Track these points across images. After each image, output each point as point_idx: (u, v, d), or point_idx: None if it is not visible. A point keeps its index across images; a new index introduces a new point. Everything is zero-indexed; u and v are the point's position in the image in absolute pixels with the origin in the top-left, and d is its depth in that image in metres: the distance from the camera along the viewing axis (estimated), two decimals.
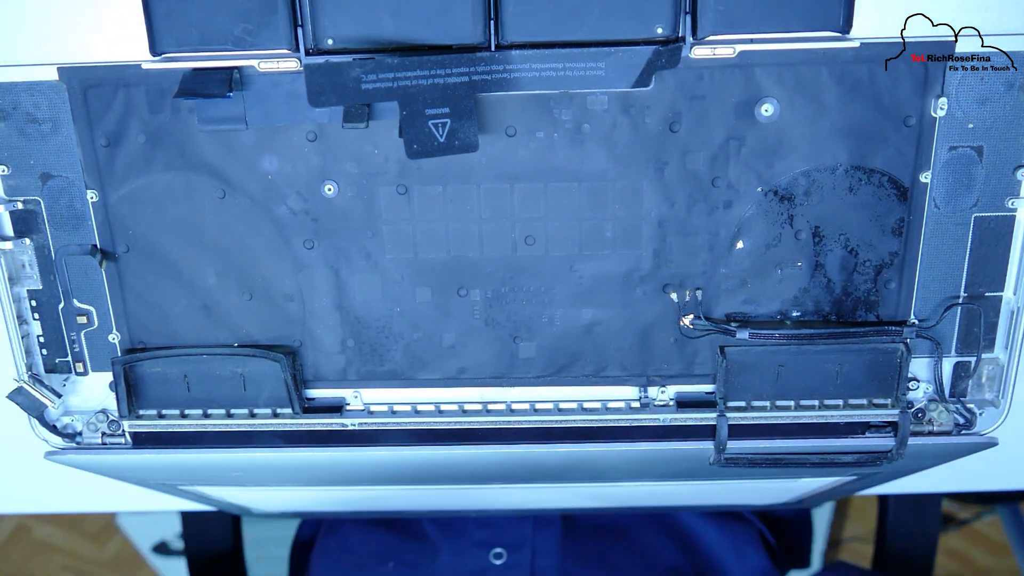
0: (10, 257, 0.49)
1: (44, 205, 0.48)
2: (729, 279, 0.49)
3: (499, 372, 0.51)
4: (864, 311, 0.49)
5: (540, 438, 0.52)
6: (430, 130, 0.43)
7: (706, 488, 0.70)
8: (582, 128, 0.46)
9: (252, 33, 0.43)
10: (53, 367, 0.52)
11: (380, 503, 0.77)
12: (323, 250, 0.49)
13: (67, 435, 0.53)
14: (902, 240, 0.48)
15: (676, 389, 0.52)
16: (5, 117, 0.46)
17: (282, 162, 0.47)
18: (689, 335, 0.50)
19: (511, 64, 0.42)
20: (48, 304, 0.51)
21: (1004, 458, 0.52)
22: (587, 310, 0.50)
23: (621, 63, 0.42)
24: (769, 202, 0.47)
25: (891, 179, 0.46)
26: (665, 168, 0.46)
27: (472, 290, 0.49)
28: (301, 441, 0.53)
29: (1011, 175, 0.46)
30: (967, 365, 0.51)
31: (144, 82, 0.45)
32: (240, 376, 0.51)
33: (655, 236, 0.48)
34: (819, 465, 0.52)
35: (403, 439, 0.53)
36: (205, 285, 0.49)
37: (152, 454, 0.53)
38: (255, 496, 0.71)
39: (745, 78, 0.44)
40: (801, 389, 0.51)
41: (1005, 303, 0.49)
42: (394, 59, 0.41)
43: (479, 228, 0.48)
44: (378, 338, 0.51)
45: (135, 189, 0.48)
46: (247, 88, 0.45)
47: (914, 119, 0.45)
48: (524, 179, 0.47)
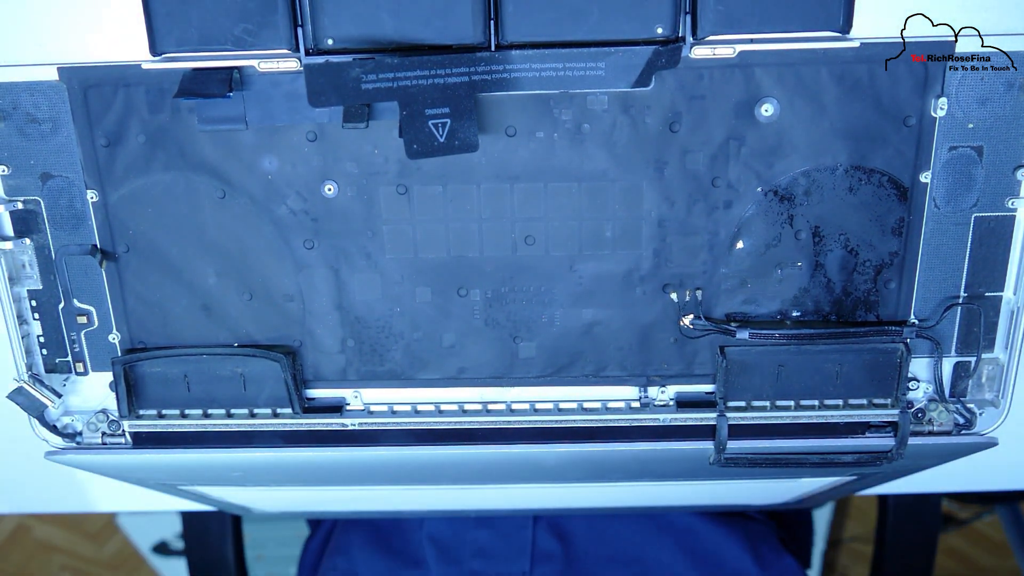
0: (10, 257, 0.49)
1: (44, 205, 0.48)
2: (729, 279, 0.49)
3: (499, 372, 0.51)
4: (864, 311, 0.49)
5: (540, 438, 0.52)
6: (430, 130, 0.43)
7: (706, 488, 0.70)
8: (582, 128, 0.46)
9: (252, 33, 0.43)
10: (53, 367, 0.52)
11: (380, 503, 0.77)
12: (323, 250, 0.49)
13: (67, 435, 0.53)
14: (902, 240, 0.48)
15: (676, 389, 0.52)
16: (5, 117, 0.46)
17: (282, 162, 0.47)
18: (689, 335, 0.50)
19: (511, 64, 0.42)
20: (48, 304, 0.51)
21: (1004, 458, 0.52)
22: (587, 310, 0.50)
23: (621, 63, 0.42)
24: (769, 202, 0.47)
25: (891, 179, 0.46)
26: (665, 168, 0.46)
27: (472, 290, 0.49)
28: (301, 441, 0.53)
29: (1011, 175, 0.46)
30: (967, 365, 0.51)
31: (144, 82, 0.45)
32: (240, 376, 0.51)
33: (655, 236, 0.48)
34: (819, 465, 0.52)
35: (403, 439, 0.53)
36: (205, 285, 0.49)
37: (152, 454, 0.53)
38: (255, 496, 0.71)
39: (745, 78, 0.44)
40: (801, 389, 0.51)
41: (1005, 303, 0.49)
42: (394, 59, 0.41)
43: (479, 228, 0.48)
44: (378, 338, 0.51)
45: (135, 189, 0.48)
46: (247, 88, 0.45)
47: (914, 119, 0.45)
48: (524, 179, 0.47)
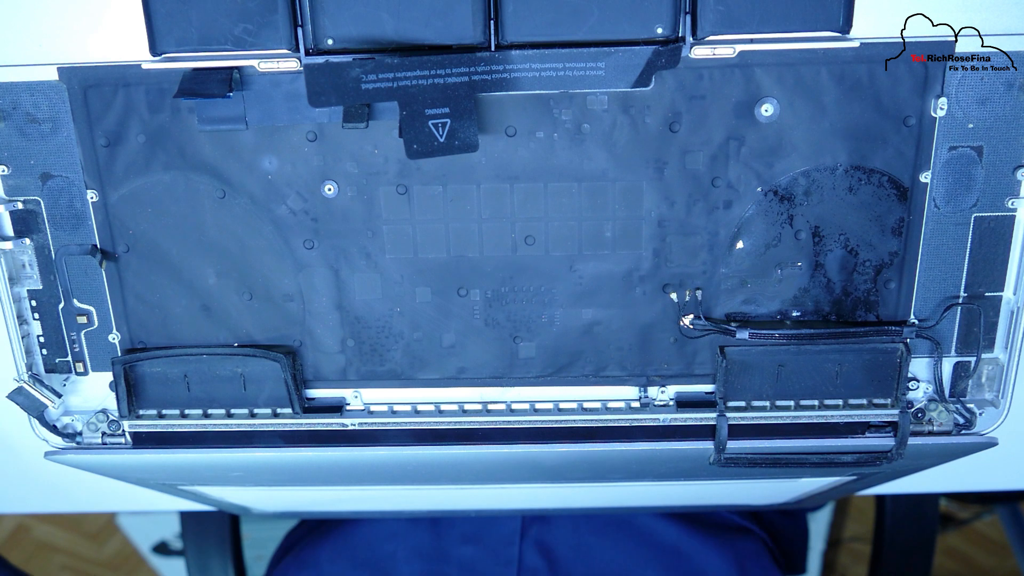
0: (10, 257, 0.49)
1: (44, 205, 0.48)
2: (729, 279, 0.49)
3: (499, 372, 0.51)
4: (864, 311, 0.49)
5: (540, 438, 0.52)
6: (430, 130, 0.43)
7: (705, 488, 0.70)
8: (582, 128, 0.46)
9: (252, 33, 0.43)
10: (53, 367, 0.52)
11: (380, 504, 0.77)
12: (323, 250, 0.49)
13: (67, 435, 0.53)
14: (902, 240, 0.48)
15: (676, 389, 0.52)
16: (5, 117, 0.46)
17: (282, 162, 0.47)
18: (689, 335, 0.50)
19: (511, 64, 0.42)
20: (48, 304, 0.51)
21: (1004, 458, 0.52)
22: (587, 310, 0.50)
23: (621, 63, 0.42)
24: (769, 202, 0.47)
25: (891, 179, 0.46)
26: (665, 168, 0.46)
27: (472, 290, 0.49)
28: (301, 441, 0.53)
29: (1011, 175, 0.46)
30: (967, 365, 0.51)
31: (144, 82, 0.45)
32: (240, 376, 0.51)
33: (655, 236, 0.48)
34: (819, 465, 0.52)
35: (403, 439, 0.53)
36: (205, 285, 0.49)
37: (152, 454, 0.53)
38: (255, 496, 0.71)
39: (745, 78, 0.44)
40: (801, 389, 0.51)
41: (1005, 303, 0.49)
42: (394, 59, 0.41)
43: (479, 228, 0.48)
44: (378, 338, 0.51)
45: (135, 189, 0.48)
46: (247, 88, 0.45)
47: (914, 119, 0.45)
48: (524, 179, 0.47)
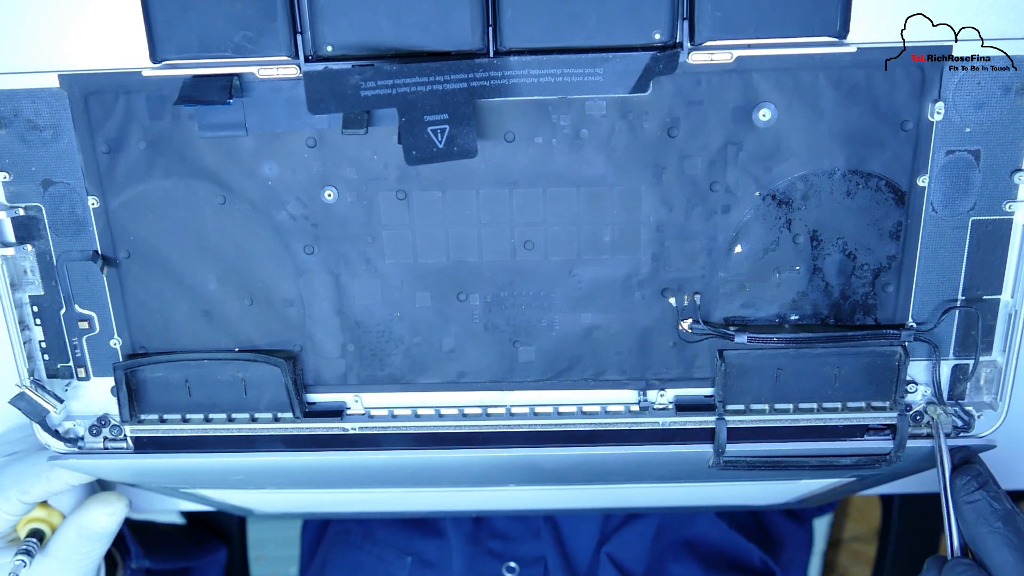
0: (12, 263, 0.49)
1: (45, 211, 0.48)
2: (727, 283, 0.49)
3: (499, 376, 0.52)
4: (862, 314, 0.49)
5: (540, 442, 0.52)
6: (429, 136, 0.43)
7: (705, 489, 0.70)
8: (580, 133, 0.46)
9: (252, 40, 0.43)
10: (55, 372, 0.52)
11: (381, 505, 0.77)
12: (323, 255, 0.49)
13: (69, 440, 0.53)
14: (900, 244, 0.48)
15: (675, 393, 0.52)
16: (6, 124, 0.46)
17: (282, 168, 0.47)
18: (688, 339, 0.50)
19: (509, 70, 0.42)
20: (50, 310, 0.51)
21: (1002, 460, 0.52)
22: (586, 314, 0.50)
23: (619, 69, 0.42)
24: (767, 206, 0.47)
25: (888, 183, 0.46)
26: (663, 173, 0.46)
27: (472, 295, 0.50)
28: (302, 445, 0.53)
29: (1008, 179, 0.46)
30: (965, 368, 0.51)
31: (145, 89, 0.45)
32: (241, 381, 0.51)
33: (654, 240, 0.48)
34: (818, 468, 0.52)
35: (403, 443, 0.53)
36: (206, 290, 0.50)
37: (154, 458, 0.53)
38: (257, 498, 0.72)
39: (743, 83, 0.44)
40: (800, 392, 0.51)
41: (1003, 306, 0.49)
42: (393, 66, 0.41)
43: (478, 233, 0.48)
44: (378, 342, 0.51)
45: (136, 195, 0.48)
46: (247, 95, 0.45)
47: (911, 123, 0.45)
48: (523, 184, 0.47)
